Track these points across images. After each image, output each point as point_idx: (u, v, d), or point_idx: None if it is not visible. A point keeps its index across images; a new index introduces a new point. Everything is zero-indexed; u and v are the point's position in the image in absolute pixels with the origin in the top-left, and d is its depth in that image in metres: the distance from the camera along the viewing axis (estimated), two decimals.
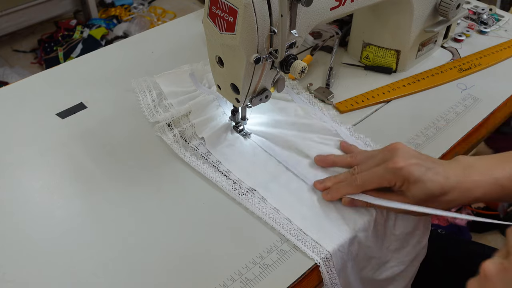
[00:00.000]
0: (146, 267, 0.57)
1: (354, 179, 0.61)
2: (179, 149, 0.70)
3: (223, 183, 0.66)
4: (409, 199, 0.59)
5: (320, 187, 0.64)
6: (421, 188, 0.57)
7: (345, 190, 0.62)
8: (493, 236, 1.54)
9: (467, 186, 0.57)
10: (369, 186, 0.61)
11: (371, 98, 0.81)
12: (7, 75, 2.11)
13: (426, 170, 0.57)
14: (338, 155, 0.68)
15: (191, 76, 0.82)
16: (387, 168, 0.59)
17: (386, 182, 0.59)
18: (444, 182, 0.57)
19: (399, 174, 0.58)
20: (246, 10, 0.54)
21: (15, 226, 0.61)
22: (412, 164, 0.58)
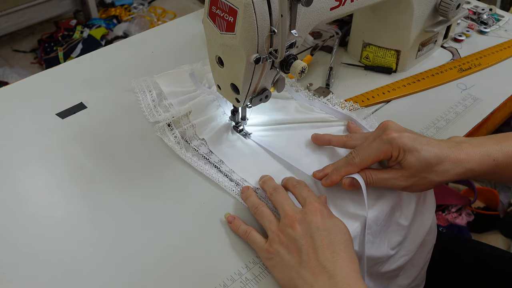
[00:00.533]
0: (146, 267, 0.57)
1: (351, 157, 0.62)
2: (180, 150, 0.70)
3: (225, 183, 0.66)
4: (407, 171, 0.59)
5: (319, 175, 0.64)
6: (417, 156, 0.58)
7: (344, 170, 0.62)
8: (493, 236, 1.54)
9: (460, 157, 0.58)
10: (367, 162, 0.61)
11: (371, 98, 0.81)
12: (7, 75, 2.11)
13: (418, 139, 0.59)
14: (334, 135, 0.69)
15: (191, 76, 0.82)
16: (382, 139, 0.60)
17: (383, 155, 0.60)
18: (438, 151, 0.58)
19: (394, 143, 0.59)
20: (246, 10, 0.54)
21: (15, 226, 0.61)
22: (405, 135, 0.59)
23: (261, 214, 0.59)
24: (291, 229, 0.55)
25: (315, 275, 0.51)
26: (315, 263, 0.52)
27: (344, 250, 0.53)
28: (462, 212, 1.54)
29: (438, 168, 0.58)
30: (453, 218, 1.52)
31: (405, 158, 0.59)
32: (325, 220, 0.55)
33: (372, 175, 0.61)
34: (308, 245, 0.53)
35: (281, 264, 0.54)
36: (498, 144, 0.60)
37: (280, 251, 0.55)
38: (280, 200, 0.59)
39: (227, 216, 0.61)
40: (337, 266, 0.51)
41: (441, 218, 1.53)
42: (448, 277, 0.83)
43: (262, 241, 0.57)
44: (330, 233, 0.54)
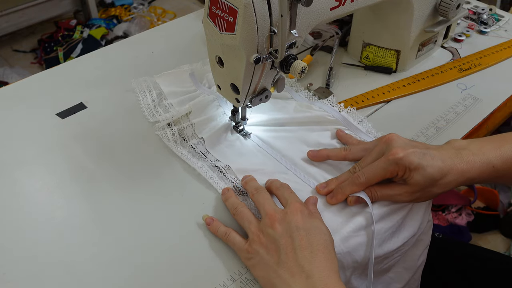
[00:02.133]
0: (146, 266, 0.57)
1: (357, 177, 0.61)
2: (176, 147, 0.70)
3: (220, 182, 0.66)
4: (412, 187, 0.60)
5: (323, 192, 0.64)
6: (422, 174, 0.58)
7: (350, 189, 0.62)
8: (493, 236, 1.54)
9: (462, 167, 0.59)
10: (373, 181, 0.61)
11: (371, 98, 0.81)
12: (7, 75, 2.11)
13: (423, 156, 0.59)
14: (332, 149, 0.69)
15: (191, 76, 0.82)
16: (387, 160, 0.60)
17: (389, 174, 0.60)
18: (442, 165, 0.59)
19: (400, 163, 0.59)
20: (246, 10, 0.54)
21: (15, 226, 0.61)
22: (410, 152, 0.59)
23: (241, 215, 0.59)
24: (271, 229, 0.55)
25: (293, 275, 0.52)
26: (293, 263, 0.52)
27: (322, 251, 0.53)
28: (462, 212, 1.54)
29: (442, 181, 0.59)
30: (453, 218, 1.52)
31: (411, 176, 0.59)
32: (306, 220, 0.55)
33: (377, 192, 0.61)
34: (287, 244, 0.53)
35: (260, 264, 0.54)
36: (497, 149, 0.60)
37: (259, 251, 0.55)
38: (261, 200, 0.59)
39: (205, 218, 0.61)
40: (314, 266, 0.52)
41: (441, 218, 1.53)
42: (445, 283, 0.83)
43: (241, 241, 0.57)
44: (309, 234, 0.54)
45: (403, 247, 0.63)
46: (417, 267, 0.69)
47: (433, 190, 0.60)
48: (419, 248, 0.67)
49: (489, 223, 1.55)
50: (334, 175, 0.66)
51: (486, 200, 1.58)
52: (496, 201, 1.54)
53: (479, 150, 0.60)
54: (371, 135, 0.73)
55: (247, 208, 0.60)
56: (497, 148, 0.60)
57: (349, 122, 0.74)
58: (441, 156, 0.59)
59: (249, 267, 0.56)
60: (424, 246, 0.68)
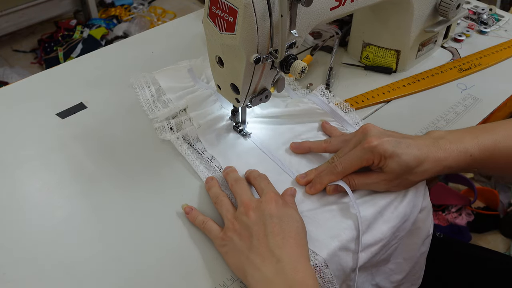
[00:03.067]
0: (146, 266, 0.57)
1: (334, 166, 0.63)
2: (176, 140, 0.71)
3: (205, 171, 0.67)
4: (388, 175, 0.61)
5: (303, 182, 0.66)
6: (397, 161, 0.60)
7: (328, 179, 0.64)
8: (493, 236, 1.54)
9: (439, 155, 0.60)
10: (350, 170, 0.63)
11: (371, 98, 0.81)
12: (7, 75, 2.11)
13: (398, 144, 0.60)
14: (314, 141, 0.70)
15: (190, 71, 0.82)
16: (363, 148, 0.61)
17: (365, 162, 0.61)
18: (417, 153, 0.60)
19: (375, 151, 0.60)
20: (246, 10, 0.54)
21: (15, 226, 0.61)
22: (385, 141, 0.60)
23: (220, 203, 0.61)
24: (245, 217, 0.57)
25: (264, 259, 0.53)
26: (264, 248, 0.53)
27: (294, 237, 0.54)
28: (462, 212, 1.54)
29: (418, 169, 0.60)
30: (453, 218, 1.52)
31: (387, 164, 0.60)
32: (279, 208, 0.57)
33: (355, 180, 0.63)
34: (259, 231, 0.55)
35: (233, 250, 0.56)
36: (475, 138, 0.61)
37: (233, 238, 0.56)
38: (238, 190, 0.61)
39: (185, 207, 0.62)
40: (285, 251, 0.53)
41: (441, 218, 1.53)
42: (445, 283, 0.83)
43: (217, 229, 0.59)
44: (282, 221, 0.55)
45: (398, 232, 0.63)
46: (418, 257, 0.68)
47: (410, 178, 0.61)
48: (418, 236, 0.66)
49: (489, 223, 1.54)
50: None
51: (486, 200, 1.58)
52: (496, 201, 1.55)
53: (457, 139, 0.61)
54: (358, 126, 0.74)
55: (227, 198, 0.62)
56: (475, 137, 0.61)
57: (337, 113, 0.75)
58: (417, 145, 0.61)
59: (222, 254, 0.58)
60: (424, 235, 0.67)
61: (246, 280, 0.54)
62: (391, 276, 0.67)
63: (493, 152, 0.61)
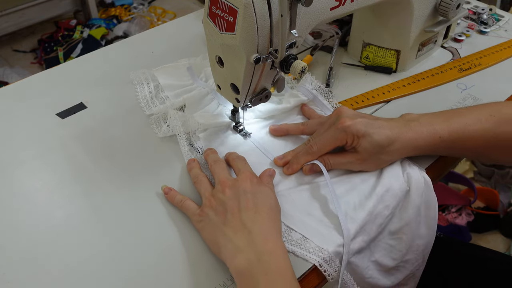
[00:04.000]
0: (146, 266, 0.57)
1: (310, 147, 0.66)
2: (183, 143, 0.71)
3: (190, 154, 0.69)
4: (361, 154, 0.64)
5: (280, 163, 0.68)
6: (369, 140, 0.63)
7: (304, 159, 0.66)
8: (493, 236, 1.54)
9: (409, 136, 0.63)
10: (325, 150, 0.66)
11: (371, 98, 0.81)
12: (7, 75, 2.11)
13: (371, 124, 0.63)
14: (291, 124, 0.73)
15: (189, 69, 0.83)
16: (337, 128, 0.64)
17: (339, 142, 0.64)
18: (389, 132, 0.63)
19: (348, 131, 0.63)
20: (246, 10, 0.54)
21: (15, 226, 0.61)
22: (358, 121, 0.63)
23: (200, 183, 0.64)
24: (221, 194, 0.59)
25: (236, 232, 0.55)
26: (237, 222, 0.56)
27: (266, 212, 0.57)
28: (462, 212, 1.54)
29: (390, 148, 0.63)
30: (453, 218, 1.52)
31: (359, 143, 0.63)
32: (254, 186, 0.60)
33: (330, 160, 0.66)
34: (234, 206, 0.58)
35: (208, 225, 0.59)
36: (446, 121, 0.64)
37: (209, 213, 0.59)
38: (217, 170, 0.64)
39: (163, 187, 0.65)
40: (257, 224, 0.56)
41: (441, 218, 1.53)
42: (445, 283, 0.83)
43: (195, 207, 0.61)
44: (256, 197, 0.58)
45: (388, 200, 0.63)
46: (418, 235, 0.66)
47: (382, 157, 0.64)
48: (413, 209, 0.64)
49: (489, 223, 1.55)
50: None
51: (486, 200, 1.58)
52: (496, 201, 1.55)
53: (427, 122, 0.64)
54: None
55: (206, 178, 0.64)
56: (446, 120, 0.64)
57: (318, 99, 0.78)
58: (389, 126, 0.64)
59: (199, 229, 0.60)
60: (421, 208, 0.65)
61: (219, 253, 0.56)
62: (392, 253, 0.65)
63: (462, 135, 0.63)
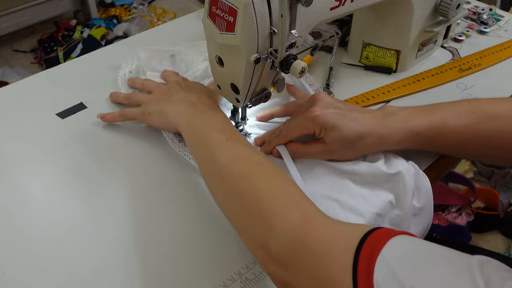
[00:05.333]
0: (147, 266, 0.57)
1: (280, 130, 0.67)
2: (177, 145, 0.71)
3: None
4: (329, 145, 0.63)
5: (258, 143, 0.70)
6: (337, 134, 0.61)
7: (275, 141, 0.67)
8: (493, 236, 1.54)
9: (383, 132, 0.62)
10: (293, 135, 0.65)
11: (371, 98, 0.81)
12: (7, 75, 2.11)
13: (342, 117, 0.62)
14: (275, 107, 0.75)
15: (172, 58, 0.84)
16: (305, 116, 0.63)
17: (306, 130, 0.64)
18: (359, 128, 0.61)
19: (316, 121, 0.62)
20: (246, 10, 0.54)
21: (15, 226, 0.61)
22: (329, 112, 0.62)
23: (134, 97, 0.75)
24: (160, 88, 0.72)
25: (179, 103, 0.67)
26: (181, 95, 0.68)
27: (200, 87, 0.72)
28: (462, 212, 1.53)
29: (360, 143, 0.62)
30: (453, 218, 1.52)
31: (327, 135, 0.62)
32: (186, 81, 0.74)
33: (299, 148, 0.66)
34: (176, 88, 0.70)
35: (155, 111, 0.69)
36: (424, 117, 0.62)
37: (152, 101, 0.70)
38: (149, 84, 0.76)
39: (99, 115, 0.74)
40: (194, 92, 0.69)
41: (441, 218, 1.53)
42: None
43: (136, 108, 0.72)
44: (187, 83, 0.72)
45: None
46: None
47: (351, 151, 0.63)
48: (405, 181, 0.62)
49: (489, 223, 1.54)
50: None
51: (486, 200, 1.58)
52: (496, 201, 1.54)
53: (406, 117, 0.63)
54: None
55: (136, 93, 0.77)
56: (425, 115, 0.62)
57: (304, 87, 0.79)
58: (362, 119, 0.62)
59: (148, 121, 0.71)
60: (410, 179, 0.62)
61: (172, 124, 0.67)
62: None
63: (441, 131, 0.62)
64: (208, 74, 0.80)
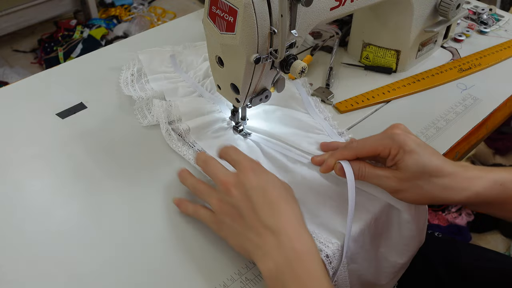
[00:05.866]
0: (146, 266, 0.57)
1: (350, 142, 0.62)
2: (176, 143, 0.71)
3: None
4: (402, 173, 0.56)
5: (317, 160, 0.64)
6: (416, 159, 0.54)
7: (340, 153, 0.60)
8: (493, 236, 1.54)
9: (467, 175, 0.55)
10: (364, 150, 0.59)
11: (371, 98, 0.81)
12: (7, 75, 2.11)
13: (424, 145, 0.56)
14: (342, 142, 0.69)
15: (172, 58, 0.84)
16: (385, 133, 0.58)
17: (381, 147, 0.57)
18: (441, 164, 0.55)
19: (395, 139, 0.56)
20: (246, 10, 0.54)
21: (15, 226, 0.61)
22: (410, 136, 0.57)
23: (200, 191, 0.60)
24: (228, 196, 0.55)
25: (261, 236, 0.52)
26: (257, 223, 0.52)
27: (283, 204, 0.53)
28: (462, 212, 1.54)
29: (438, 181, 0.54)
30: (453, 218, 1.52)
31: (403, 159, 0.55)
32: (259, 177, 0.55)
33: (366, 168, 0.59)
34: (247, 207, 0.53)
35: (231, 233, 0.56)
36: (508, 171, 0.56)
37: (225, 221, 0.55)
38: (212, 170, 0.59)
39: (174, 200, 0.62)
40: (278, 221, 0.52)
41: (441, 218, 1.53)
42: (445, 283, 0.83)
43: (210, 214, 0.58)
44: (266, 190, 0.54)
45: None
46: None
47: (426, 187, 0.55)
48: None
49: (489, 223, 1.55)
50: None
51: None
52: None
53: (490, 169, 0.56)
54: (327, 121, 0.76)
55: (204, 184, 0.60)
56: (505, 170, 0.56)
57: (310, 104, 0.77)
58: (444, 159, 0.56)
59: (223, 238, 0.57)
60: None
61: (250, 257, 0.54)
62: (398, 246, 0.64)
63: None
64: (209, 74, 0.80)
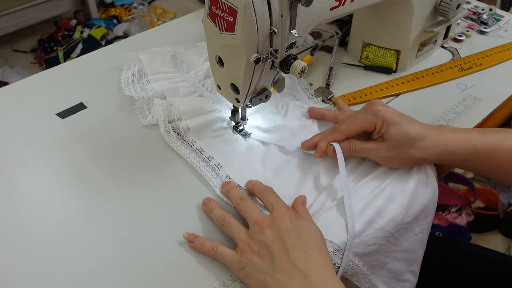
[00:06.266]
0: (146, 266, 0.57)
1: (338, 125, 0.66)
2: (175, 142, 0.71)
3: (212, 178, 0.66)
4: (388, 143, 0.63)
5: (306, 144, 0.67)
6: (399, 129, 0.62)
7: (331, 136, 0.65)
8: (493, 236, 1.54)
9: (440, 138, 0.62)
10: (352, 129, 0.64)
11: (369, 94, 0.81)
12: (7, 75, 2.11)
13: (402, 116, 0.63)
14: (328, 109, 0.75)
15: (173, 57, 0.84)
16: (367, 110, 0.64)
17: (367, 124, 0.63)
18: (420, 129, 0.62)
19: (378, 115, 0.63)
20: (246, 10, 0.54)
21: (15, 226, 0.61)
22: (390, 110, 0.64)
23: (229, 225, 0.58)
24: (261, 235, 0.54)
25: (290, 277, 0.51)
26: (288, 264, 0.52)
27: (316, 249, 0.53)
28: (462, 212, 1.54)
29: (419, 144, 0.61)
30: (453, 218, 1.52)
31: (388, 130, 0.62)
32: (294, 222, 0.55)
33: (356, 144, 0.64)
34: (279, 248, 0.53)
35: (254, 272, 0.53)
36: (480, 133, 0.62)
37: (252, 259, 0.54)
38: (247, 209, 0.59)
39: (187, 236, 0.59)
40: (310, 265, 0.51)
41: (441, 218, 1.53)
42: (445, 283, 0.83)
43: (231, 252, 0.56)
44: (300, 234, 0.54)
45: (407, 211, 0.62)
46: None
47: (410, 151, 0.62)
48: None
49: (489, 223, 1.55)
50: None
51: (486, 200, 1.58)
52: (496, 201, 1.55)
53: (462, 130, 0.63)
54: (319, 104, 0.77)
55: (234, 218, 0.59)
56: (481, 133, 0.63)
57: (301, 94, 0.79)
58: (420, 124, 0.63)
59: (242, 277, 0.55)
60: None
61: None
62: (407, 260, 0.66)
63: (497, 148, 0.61)
64: (210, 74, 0.80)
